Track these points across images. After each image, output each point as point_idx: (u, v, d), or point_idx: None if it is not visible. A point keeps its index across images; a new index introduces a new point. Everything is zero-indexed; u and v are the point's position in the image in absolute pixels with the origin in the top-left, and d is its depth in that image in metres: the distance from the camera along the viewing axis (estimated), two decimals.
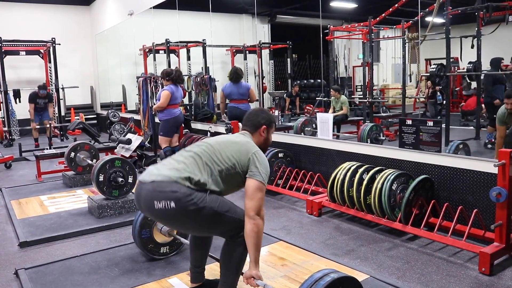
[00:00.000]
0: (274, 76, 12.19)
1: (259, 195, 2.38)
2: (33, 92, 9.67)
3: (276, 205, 5.01)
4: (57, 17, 12.84)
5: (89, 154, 6.23)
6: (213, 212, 2.34)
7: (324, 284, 1.98)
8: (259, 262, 2.42)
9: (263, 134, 2.68)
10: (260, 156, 2.49)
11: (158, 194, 2.30)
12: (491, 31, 6.47)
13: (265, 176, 2.44)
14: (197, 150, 2.49)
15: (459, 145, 4.91)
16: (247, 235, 2.35)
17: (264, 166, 2.46)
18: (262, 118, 2.68)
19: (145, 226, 3.39)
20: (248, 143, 2.55)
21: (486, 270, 3.11)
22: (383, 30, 10.63)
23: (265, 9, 11.93)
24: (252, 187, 2.40)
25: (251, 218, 2.34)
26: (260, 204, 2.38)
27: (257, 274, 2.41)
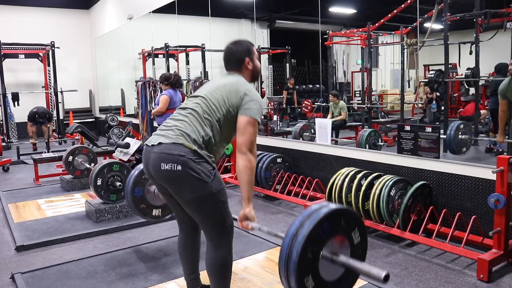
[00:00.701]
0: (273, 81, 12.20)
1: (251, 130, 2.34)
2: (32, 112, 9.70)
3: (274, 211, 5.00)
4: (56, 21, 12.85)
5: (87, 158, 6.22)
6: (211, 193, 2.29)
7: (325, 211, 1.89)
8: (252, 200, 2.37)
9: (249, 66, 2.58)
10: (251, 93, 2.41)
11: (165, 156, 2.26)
12: (490, 38, 6.49)
13: (256, 111, 2.37)
14: (193, 105, 2.43)
15: (460, 125, 4.90)
16: (239, 172, 2.31)
17: (255, 102, 2.39)
18: (240, 53, 2.56)
19: (138, 184, 3.32)
20: (238, 82, 2.47)
21: (485, 277, 3.11)
22: (382, 35, 10.65)
23: (264, 14, 11.96)
24: (243, 122, 2.34)
25: (243, 154, 2.30)
26: (252, 140, 2.34)
27: (250, 213, 2.36)
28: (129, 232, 4.35)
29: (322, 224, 1.86)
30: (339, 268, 1.95)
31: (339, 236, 1.94)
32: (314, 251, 1.86)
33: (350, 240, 1.98)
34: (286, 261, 1.85)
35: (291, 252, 1.83)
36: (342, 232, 1.95)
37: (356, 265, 1.90)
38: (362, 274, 1.93)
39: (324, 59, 10.48)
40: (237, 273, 3.30)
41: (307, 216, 1.89)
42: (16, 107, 10.54)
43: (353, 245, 2.00)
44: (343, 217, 1.95)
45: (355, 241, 2.00)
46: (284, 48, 11.79)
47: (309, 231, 1.83)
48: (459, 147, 5.07)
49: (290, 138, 7.34)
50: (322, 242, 1.89)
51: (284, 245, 1.87)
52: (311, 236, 1.83)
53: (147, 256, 3.70)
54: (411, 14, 7.73)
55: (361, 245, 2.04)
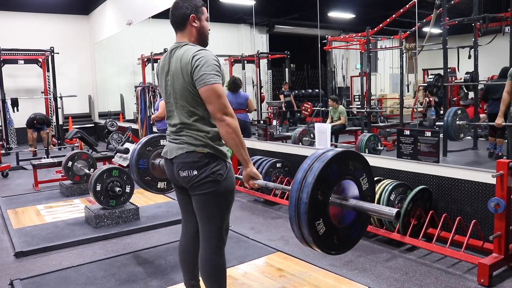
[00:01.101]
0: (272, 86, 12.23)
1: (215, 95, 2.22)
2: (30, 118, 9.70)
3: (274, 215, 4.99)
4: (55, 26, 12.87)
5: (86, 164, 6.21)
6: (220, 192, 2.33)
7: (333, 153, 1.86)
8: (249, 160, 2.34)
9: (194, 24, 2.37)
10: (198, 55, 2.25)
11: (182, 165, 2.34)
12: (488, 42, 6.51)
13: (211, 75, 2.21)
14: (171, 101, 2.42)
15: (457, 111, 4.90)
16: (225, 140, 2.29)
17: (207, 64, 2.23)
18: (186, 8, 2.35)
19: (143, 155, 3.29)
20: (186, 51, 2.29)
21: (485, 281, 3.10)
22: (381, 40, 10.68)
23: (264, 19, 12.00)
24: (204, 94, 2.24)
25: (220, 120, 2.23)
26: (221, 103, 2.22)
27: (252, 171, 2.34)
28: (129, 238, 4.34)
29: (330, 165, 1.83)
30: (350, 212, 1.94)
31: (348, 179, 1.93)
32: (324, 193, 1.84)
33: (359, 185, 1.97)
34: (296, 205, 1.82)
35: (301, 195, 1.81)
36: (351, 175, 1.94)
37: (366, 206, 1.89)
38: (373, 214, 1.92)
39: (323, 63, 10.51)
40: (237, 279, 3.29)
41: (315, 158, 1.87)
42: (15, 112, 10.54)
43: (361, 190, 1.99)
44: (351, 160, 1.94)
45: (364, 187, 1.99)
46: (283, 53, 11.82)
47: (318, 171, 1.81)
48: (457, 133, 5.06)
49: (290, 143, 7.34)
50: (332, 184, 1.86)
51: (293, 189, 1.84)
52: (321, 177, 1.81)
53: (147, 261, 3.69)
54: (410, 19, 7.77)
55: (369, 192, 2.03)
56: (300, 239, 1.90)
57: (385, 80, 13.35)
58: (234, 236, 4.22)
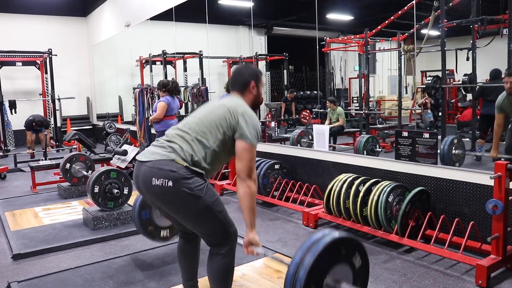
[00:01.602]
0: (270, 87, 12.23)
1: (248, 156, 2.33)
2: (29, 120, 9.67)
3: (272, 217, 4.99)
4: (53, 28, 12.85)
5: (84, 165, 6.20)
6: (206, 206, 2.29)
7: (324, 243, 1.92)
8: (255, 225, 2.37)
9: (253, 91, 2.57)
10: (248, 116, 2.40)
11: (156, 171, 2.27)
12: (486, 44, 6.51)
13: (253, 136, 2.36)
14: (188, 125, 2.43)
15: (454, 140, 4.92)
16: (240, 198, 2.32)
17: (252, 125, 2.37)
18: (248, 75, 2.57)
19: (144, 207, 3.33)
20: (237, 105, 2.45)
21: (483, 283, 3.10)
22: (379, 42, 10.69)
23: (262, 21, 12.01)
24: (240, 148, 2.34)
25: (243, 181, 2.31)
26: (250, 166, 2.33)
27: (255, 239, 2.37)
28: (127, 240, 4.33)
29: (322, 257, 1.89)
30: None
31: (340, 264, 1.99)
32: (316, 283, 1.90)
33: (352, 265, 2.03)
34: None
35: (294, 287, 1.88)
36: (343, 260, 2.00)
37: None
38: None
39: (322, 65, 10.52)
40: (235, 280, 3.28)
41: (306, 250, 1.92)
42: (13, 114, 10.49)
43: (354, 270, 2.05)
44: (343, 245, 2.00)
45: (357, 266, 2.06)
46: (281, 54, 11.83)
47: (310, 265, 1.87)
48: (452, 162, 5.10)
49: (288, 144, 7.34)
50: (324, 273, 1.93)
51: (287, 280, 1.91)
52: (312, 270, 1.87)
53: (145, 263, 3.68)
54: (408, 21, 7.78)
55: (363, 268, 2.09)
56: None
57: (383, 82, 13.35)
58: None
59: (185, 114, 8.89)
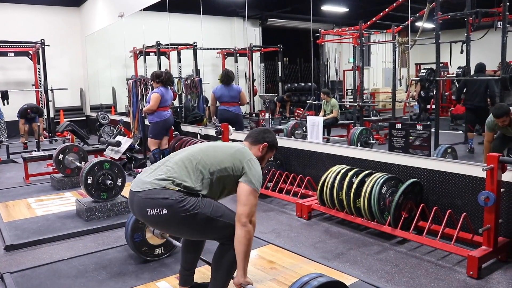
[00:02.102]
0: (265, 79, 12.21)
1: (252, 201, 2.35)
2: (23, 108, 9.60)
3: (265, 208, 5.00)
4: (46, 18, 12.74)
5: (77, 156, 6.18)
6: (206, 218, 2.32)
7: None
8: (247, 270, 2.40)
9: (261, 150, 2.67)
10: (255, 163, 2.47)
11: (150, 202, 2.30)
12: (480, 37, 6.52)
13: (258, 183, 2.42)
14: (188, 154, 2.47)
15: (447, 149, 4.94)
16: (237, 242, 2.32)
17: (258, 173, 2.44)
18: (267, 137, 2.69)
19: (137, 229, 3.36)
20: (245, 150, 2.54)
21: (474, 273, 3.12)
22: (374, 34, 10.69)
23: (257, 12, 11.96)
24: (245, 192, 2.37)
25: (243, 225, 2.31)
26: (253, 211, 2.35)
27: (246, 280, 2.41)
28: (120, 231, 4.31)
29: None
30: None
31: None
32: None
33: None
34: None
35: None
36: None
37: None
38: None
39: (316, 57, 10.50)
40: None
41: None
42: (5, 105, 10.44)
43: None
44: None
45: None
46: (276, 46, 11.80)
47: None
48: None
49: (282, 136, 7.34)
50: None
51: None
52: None
53: None
54: (403, 13, 7.77)
55: None
56: None
57: (377, 74, 13.37)
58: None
59: (179, 105, 8.86)
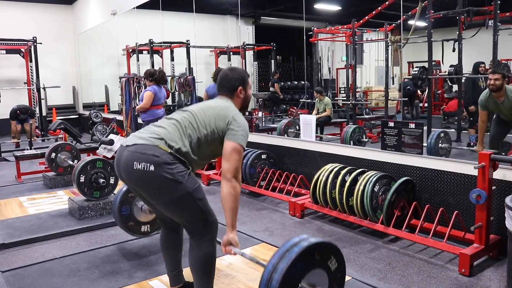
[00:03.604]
0: (258, 77, 12.20)
1: (236, 156, 2.34)
2: (13, 110, 9.50)
3: (258, 207, 5.00)
4: (38, 16, 12.66)
5: (70, 155, 6.15)
6: (187, 193, 2.29)
7: (298, 250, 1.93)
8: (236, 226, 2.38)
9: (240, 95, 2.61)
10: (238, 119, 2.43)
11: (139, 156, 2.27)
12: (472, 35, 6.56)
13: (242, 138, 2.38)
14: (178, 117, 2.45)
15: (440, 134, 4.96)
16: (224, 198, 2.31)
17: (242, 128, 2.41)
18: (235, 80, 2.59)
19: (125, 202, 3.32)
20: (227, 107, 2.49)
21: (466, 271, 3.15)
22: (367, 32, 10.71)
23: (249, 11, 11.95)
24: (228, 148, 2.35)
25: (228, 181, 2.30)
26: (237, 166, 2.33)
27: (234, 239, 2.38)
28: (113, 229, 4.30)
29: (295, 265, 1.90)
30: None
31: (315, 269, 2.00)
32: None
33: (327, 269, 2.05)
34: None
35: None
36: (317, 265, 2.01)
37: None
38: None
39: (309, 55, 10.52)
40: (221, 270, 3.30)
41: (279, 257, 1.93)
42: None
43: (330, 272, 2.06)
44: (317, 250, 2.00)
45: (332, 268, 2.07)
46: (269, 44, 11.79)
47: (282, 275, 1.87)
48: (439, 154, 5.15)
49: (275, 134, 7.35)
50: (298, 280, 1.94)
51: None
52: (285, 279, 1.88)
53: (131, 253, 3.67)
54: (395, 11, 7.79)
55: (339, 270, 2.10)
56: None
57: (370, 73, 13.39)
58: (219, 227, 4.20)
59: (172, 103, 8.84)
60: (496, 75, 4.45)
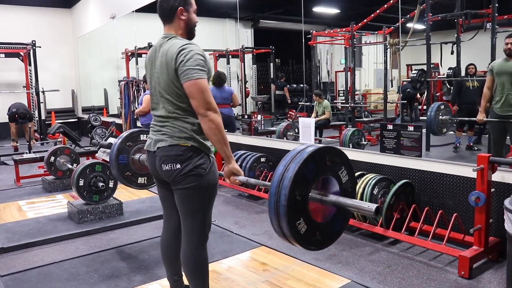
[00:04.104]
0: (257, 80, 12.21)
1: (197, 89, 2.20)
2: (12, 112, 9.43)
3: (258, 210, 5.00)
4: (37, 20, 12.67)
5: (69, 159, 6.15)
6: (202, 187, 2.31)
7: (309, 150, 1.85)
8: (232, 156, 2.34)
9: (182, 17, 2.38)
10: (184, 50, 2.24)
11: (166, 159, 2.32)
12: (470, 38, 6.58)
13: (196, 70, 2.19)
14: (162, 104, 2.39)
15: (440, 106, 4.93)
16: (207, 134, 2.26)
17: (192, 58, 2.21)
18: (173, 0, 2.35)
19: (122, 151, 3.26)
20: (170, 47, 2.28)
21: (465, 273, 3.14)
22: (365, 35, 10.74)
23: (248, 14, 11.97)
24: (188, 88, 2.22)
25: (203, 116, 2.22)
26: (204, 98, 2.21)
27: (234, 167, 2.34)
28: (112, 233, 4.31)
29: (307, 165, 1.83)
30: (331, 208, 1.95)
31: (326, 175, 1.93)
32: (302, 193, 1.84)
33: (338, 179, 1.97)
34: (275, 207, 1.83)
35: (279, 198, 1.80)
36: (328, 171, 1.94)
37: (346, 202, 1.90)
38: (352, 210, 1.93)
39: (308, 58, 10.53)
40: (221, 273, 3.30)
41: (290, 158, 1.86)
42: None
43: (341, 183, 1.99)
44: (328, 155, 1.93)
45: (343, 180, 1.99)
46: (268, 47, 11.81)
47: (294, 173, 1.80)
48: (440, 127, 5.10)
49: (274, 137, 7.35)
50: (310, 183, 1.86)
51: (271, 192, 1.84)
52: (297, 178, 1.80)
53: (130, 257, 3.67)
54: (393, 14, 7.81)
55: (349, 183, 2.03)
56: (282, 238, 1.91)
57: (369, 75, 13.43)
58: (218, 230, 4.22)
59: None
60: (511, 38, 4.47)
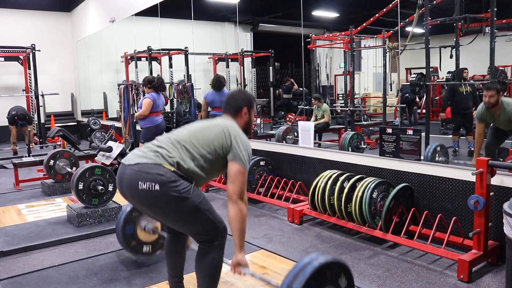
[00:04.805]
0: (256, 84, 12.22)
1: (241, 178, 2.37)
2: (12, 115, 9.42)
3: (257, 213, 5.00)
4: (37, 23, 12.69)
5: (68, 162, 6.15)
6: (194, 206, 2.31)
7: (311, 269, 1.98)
8: (244, 247, 2.40)
9: (244, 116, 2.64)
10: (241, 139, 2.46)
11: (143, 175, 2.27)
12: (469, 42, 6.59)
13: (246, 159, 2.42)
14: (178, 137, 2.45)
15: (437, 148, 4.97)
16: (231, 220, 2.34)
17: (245, 148, 2.43)
18: (241, 101, 2.63)
19: (129, 221, 3.33)
20: (230, 126, 2.50)
21: (465, 277, 3.15)
22: (364, 39, 10.74)
23: (248, 18, 11.98)
24: (233, 170, 2.38)
25: (234, 203, 2.33)
26: (242, 188, 2.36)
27: (243, 260, 2.39)
28: (111, 237, 4.30)
29: (309, 283, 1.95)
30: None
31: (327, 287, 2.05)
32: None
33: (337, 286, 2.10)
34: None
35: None
36: (329, 283, 2.06)
37: None
38: None
39: (307, 62, 10.54)
40: (220, 277, 3.29)
41: (293, 277, 1.99)
42: None
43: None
44: (328, 269, 2.05)
45: (342, 286, 2.12)
46: (267, 51, 11.82)
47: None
48: None
49: (273, 141, 7.35)
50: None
51: None
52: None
53: (129, 260, 3.67)
54: (393, 18, 7.82)
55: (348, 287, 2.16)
56: None
57: (368, 79, 13.44)
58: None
59: (171, 110, 8.85)
60: (491, 91, 4.44)
